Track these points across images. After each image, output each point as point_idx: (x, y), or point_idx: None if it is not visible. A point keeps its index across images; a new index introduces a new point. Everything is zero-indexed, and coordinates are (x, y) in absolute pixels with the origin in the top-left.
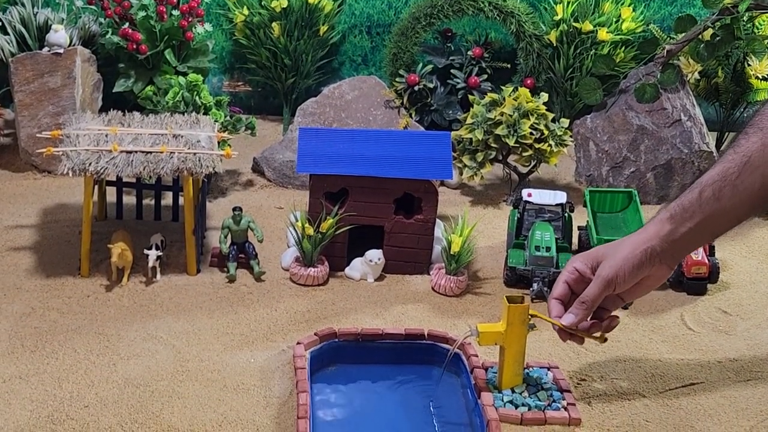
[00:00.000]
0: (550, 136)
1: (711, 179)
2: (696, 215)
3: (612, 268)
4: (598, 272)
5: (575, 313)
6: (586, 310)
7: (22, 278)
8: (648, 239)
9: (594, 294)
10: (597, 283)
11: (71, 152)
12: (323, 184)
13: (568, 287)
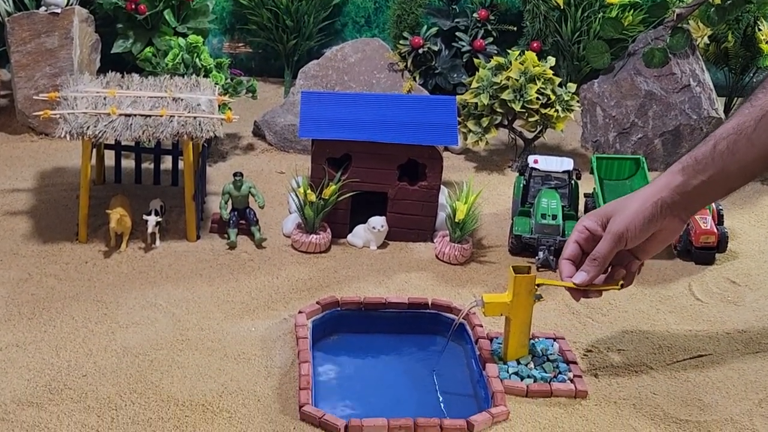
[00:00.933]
0: (557, 102)
1: (726, 132)
2: (709, 168)
3: (622, 222)
4: (609, 227)
5: (587, 270)
6: (597, 266)
7: (18, 243)
8: (658, 191)
9: (605, 250)
10: (608, 238)
11: (69, 115)
12: (326, 149)
13: (579, 247)
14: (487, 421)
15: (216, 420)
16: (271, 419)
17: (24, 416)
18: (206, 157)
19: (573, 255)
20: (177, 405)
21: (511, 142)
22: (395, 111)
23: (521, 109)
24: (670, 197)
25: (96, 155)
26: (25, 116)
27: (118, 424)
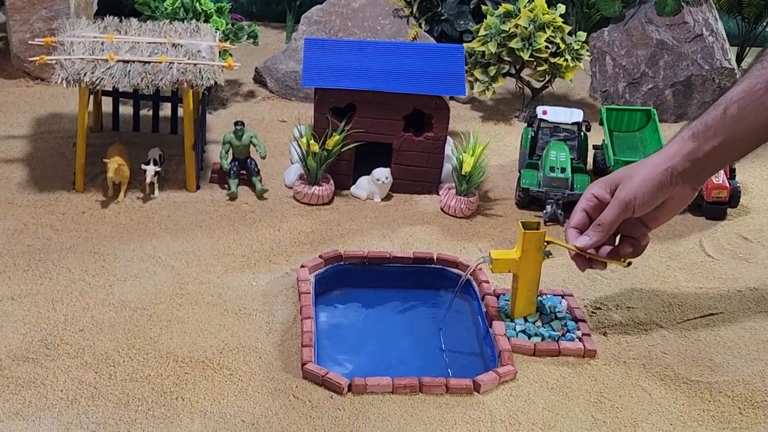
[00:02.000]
0: (567, 50)
1: (736, 95)
2: (720, 133)
3: (630, 190)
4: (616, 194)
5: (590, 235)
6: (602, 232)
7: (14, 192)
8: (669, 158)
9: (611, 216)
10: (614, 205)
11: (65, 61)
12: (329, 98)
13: (587, 215)
14: (493, 380)
15: (216, 377)
16: (272, 377)
17: (19, 372)
18: (206, 104)
19: (580, 223)
20: (176, 361)
21: (519, 92)
22: (401, 59)
23: (530, 57)
24: (680, 165)
25: (93, 102)
26: (21, 61)
27: (116, 380)
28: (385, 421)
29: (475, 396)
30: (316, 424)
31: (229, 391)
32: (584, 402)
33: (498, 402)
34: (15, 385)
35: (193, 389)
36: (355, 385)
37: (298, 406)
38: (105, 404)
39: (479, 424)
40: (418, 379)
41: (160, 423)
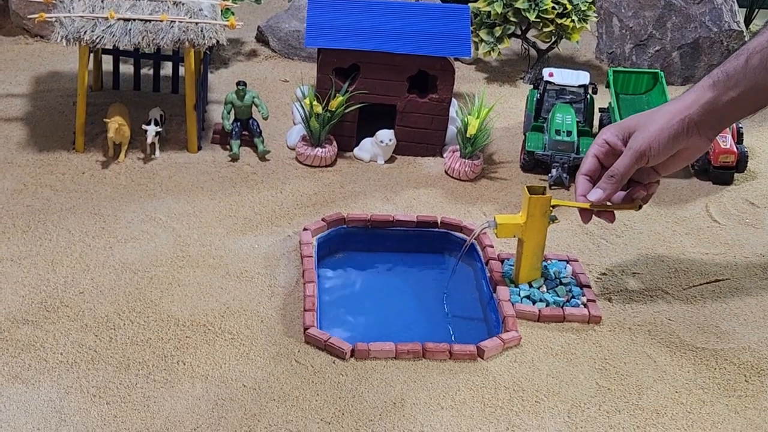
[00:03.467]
0: (573, 11)
1: (759, 45)
2: (740, 83)
3: (645, 139)
4: (630, 143)
5: (603, 187)
6: (615, 183)
7: (13, 152)
8: (686, 107)
9: (624, 166)
10: (628, 154)
11: (65, 19)
12: (333, 59)
13: (598, 162)
14: (497, 346)
15: (218, 341)
16: (274, 341)
17: (19, 334)
18: (208, 64)
19: (591, 170)
20: (177, 325)
21: (524, 53)
22: (406, 20)
23: (536, 18)
24: (698, 114)
25: (93, 60)
26: (20, 18)
27: (117, 344)
28: (388, 386)
29: (479, 362)
30: (319, 389)
31: (230, 356)
32: (589, 368)
33: (502, 368)
34: (14, 348)
35: (194, 353)
36: (358, 350)
37: (300, 371)
38: (105, 368)
39: (483, 390)
40: (422, 345)
41: (161, 387)
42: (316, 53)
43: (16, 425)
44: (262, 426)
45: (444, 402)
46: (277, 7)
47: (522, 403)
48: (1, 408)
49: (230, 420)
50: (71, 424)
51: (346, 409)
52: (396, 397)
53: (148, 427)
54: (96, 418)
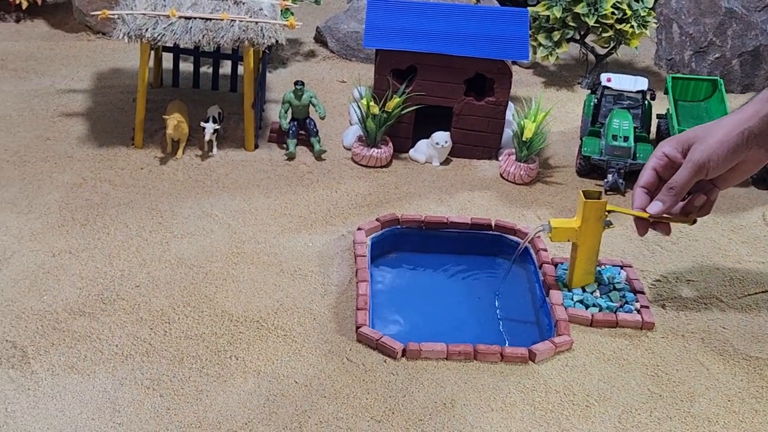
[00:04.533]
0: (633, 17)
1: None
2: None
3: (704, 152)
4: (689, 156)
5: (662, 200)
6: (674, 196)
7: (73, 146)
8: (746, 120)
9: (684, 179)
10: (688, 167)
11: (127, 16)
12: (391, 60)
13: (656, 174)
14: (549, 350)
15: (270, 337)
16: (326, 339)
17: (76, 326)
18: (267, 63)
19: (649, 183)
20: (231, 320)
21: (582, 58)
22: (465, 22)
23: (595, 23)
24: (758, 127)
25: (154, 58)
26: (83, 15)
27: (171, 337)
28: (438, 387)
29: (530, 365)
30: (369, 387)
31: (282, 352)
32: (640, 374)
33: (553, 372)
34: (71, 339)
35: (247, 348)
36: (410, 350)
37: (352, 369)
38: (159, 361)
39: (533, 393)
40: (473, 346)
41: (214, 381)
42: (374, 54)
43: (71, 414)
44: (313, 422)
45: (494, 404)
46: (336, 8)
47: (572, 407)
48: (57, 397)
49: (281, 415)
50: (125, 414)
51: (396, 408)
52: (446, 398)
53: (200, 421)
54: (149, 409)
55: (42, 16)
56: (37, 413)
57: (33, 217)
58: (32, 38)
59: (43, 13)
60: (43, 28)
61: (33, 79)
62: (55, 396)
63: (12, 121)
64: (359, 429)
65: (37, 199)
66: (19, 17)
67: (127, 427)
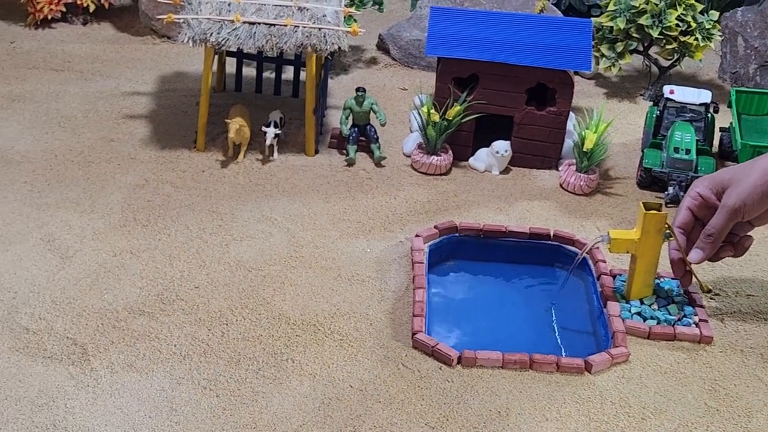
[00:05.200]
0: (697, 29)
1: None
2: None
3: (739, 197)
4: (724, 201)
5: (702, 247)
6: (713, 243)
7: (137, 148)
8: None
9: (720, 225)
10: (723, 213)
11: (192, 20)
12: (452, 68)
13: (692, 214)
14: (606, 361)
15: (326, 341)
16: (382, 344)
17: (135, 325)
18: (329, 69)
19: (685, 223)
20: (288, 323)
21: (645, 70)
22: (527, 32)
23: (659, 35)
24: None
25: (217, 62)
26: (148, 18)
27: (228, 339)
28: (493, 395)
29: (586, 376)
30: (424, 394)
31: (338, 356)
32: (698, 389)
33: (609, 383)
34: (130, 338)
35: (303, 352)
36: (465, 357)
37: (407, 375)
38: (216, 361)
39: (589, 405)
40: (529, 356)
41: (270, 383)
42: (436, 62)
43: (129, 412)
44: (367, 427)
45: (549, 414)
46: (398, 15)
47: (628, 419)
48: (116, 395)
49: (336, 419)
50: (181, 414)
51: (450, 415)
52: (501, 407)
53: (255, 422)
54: (206, 409)
55: (108, 20)
56: (95, 410)
57: (96, 217)
58: (98, 41)
59: (109, 17)
60: (109, 31)
61: (98, 81)
62: (113, 393)
63: (77, 122)
64: None
65: (100, 199)
66: (86, 20)
67: (183, 426)
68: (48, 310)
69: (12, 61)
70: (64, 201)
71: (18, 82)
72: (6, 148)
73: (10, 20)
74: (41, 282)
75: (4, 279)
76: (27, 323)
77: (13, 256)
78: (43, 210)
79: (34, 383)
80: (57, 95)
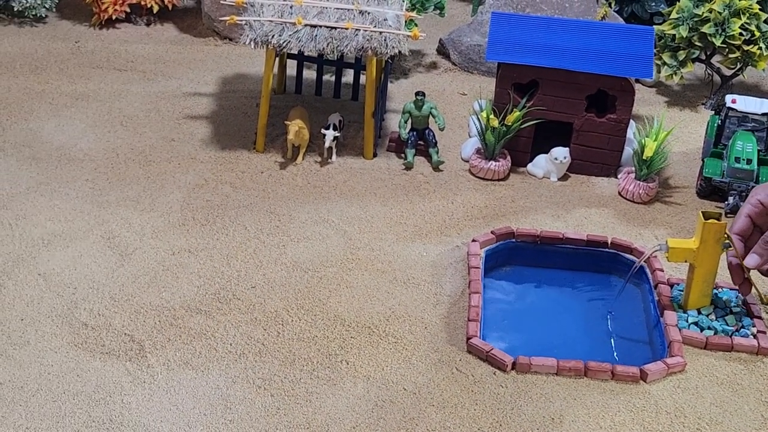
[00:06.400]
0: (761, 38)
1: None
2: None
3: None
4: None
5: (760, 253)
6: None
7: (197, 148)
8: None
9: None
10: None
11: (254, 22)
12: (512, 74)
13: (751, 221)
14: (661, 371)
15: (381, 344)
16: (436, 348)
17: (192, 323)
18: (389, 73)
19: (743, 230)
20: (343, 325)
21: (708, 78)
22: (588, 38)
23: (722, 44)
24: None
25: (278, 64)
26: (211, 20)
27: (284, 339)
28: (547, 402)
29: (641, 385)
30: (478, 398)
31: (393, 359)
32: (755, 400)
33: (664, 393)
34: (187, 336)
35: (357, 354)
36: (520, 363)
37: (461, 380)
38: (272, 361)
39: (643, 413)
40: (584, 363)
41: (324, 384)
42: (496, 68)
43: (185, 409)
44: (420, 430)
45: (603, 422)
46: (459, 21)
47: (683, 429)
48: (171, 392)
49: (389, 421)
50: (236, 412)
51: (503, 420)
52: (555, 413)
53: (309, 422)
54: (260, 408)
55: (171, 21)
56: (151, 406)
57: (155, 215)
58: (161, 42)
59: (172, 18)
60: (172, 32)
61: (160, 81)
62: (169, 390)
63: (139, 121)
64: None
65: (159, 198)
66: (149, 21)
67: (237, 424)
68: (107, 306)
69: (76, 60)
70: (124, 199)
71: (82, 81)
72: (69, 146)
73: (75, 20)
74: (100, 279)
75: (65, 275)
76: (86, 319)
77: (74, 253)
78: (103, 208)
79: (91, 378)
80: (120, 95)
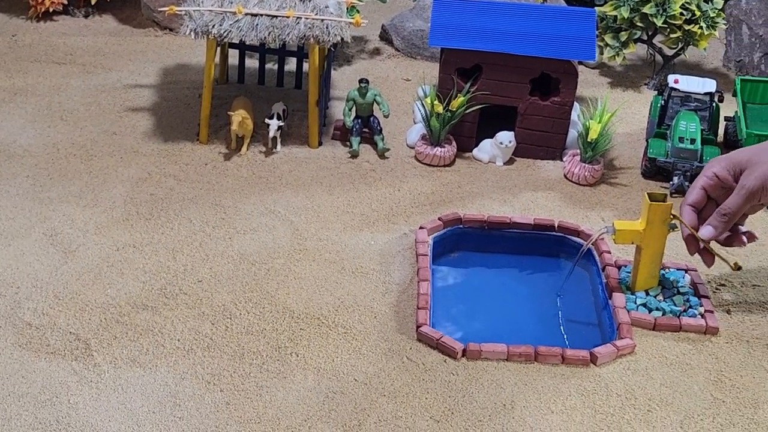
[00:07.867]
0: (702, 18)
1: None
2: None
3: (758, 179)
4: (742, 182)
5: (714, 225)
6: (726, 222)
7: (139, 141)
8: None
9: (737, 205)
10: (740, 194)
11: (194, 12)
12: (456, 59)
13: (705, 193)
14: (611, 353)
15: (331, 335)
16: (386, 338)
17: (138, 319)
18: (332, 61)
19: (697, 201)
20: (292, 317)
21: (650, 59)
22: (530, 22)
23: (663, 24)
24: None
25: (220, 54)
26: (150, 10)
27: (232, 333)
28: (498, 388)
29: (592, 368)
30: (429, 387)
31: (342, 350)
32: (703, 380)
33: (614, 375)
34: (133, 333)
35: (307, 345)
36: (470, 350)
37: (412, 369)
38: (220, 356)
39: (594, 397)
40: (534, 348)
41: (274, 377)
42: (439, 53)
43: (133, 407)
44: (372, 420)
45: (554, 406)
46: (401, 6)
47: (634, 411)
48: (119, 390)
49: (340, 413)
50: (185, 409)
51: (455, 408)
52: (506, 399)
53: (260, 416)
54: (209, 404)
55: (110, 12)
56: (99, 405)
57: (98, 211)
58: (100, 33)
59: (111, 9)
60: (111, 23)
61: (100, 74)
62: (117, 389)
63: (79, 115)
64: (418, 428)
65: (102, 193)
66: (87, 13)
67: (187, 421)
68: (51, 305)
69: (14, 54)
70: (66, 195)
71: (20, 75)
72: (8, 142)
73: (11, 13)
74: (44, 277)
75: (7, 274)
76: (30, 318)
77: (16, 251)
78: (45, 204)
79: (37, 379)
80: (59, 88)
